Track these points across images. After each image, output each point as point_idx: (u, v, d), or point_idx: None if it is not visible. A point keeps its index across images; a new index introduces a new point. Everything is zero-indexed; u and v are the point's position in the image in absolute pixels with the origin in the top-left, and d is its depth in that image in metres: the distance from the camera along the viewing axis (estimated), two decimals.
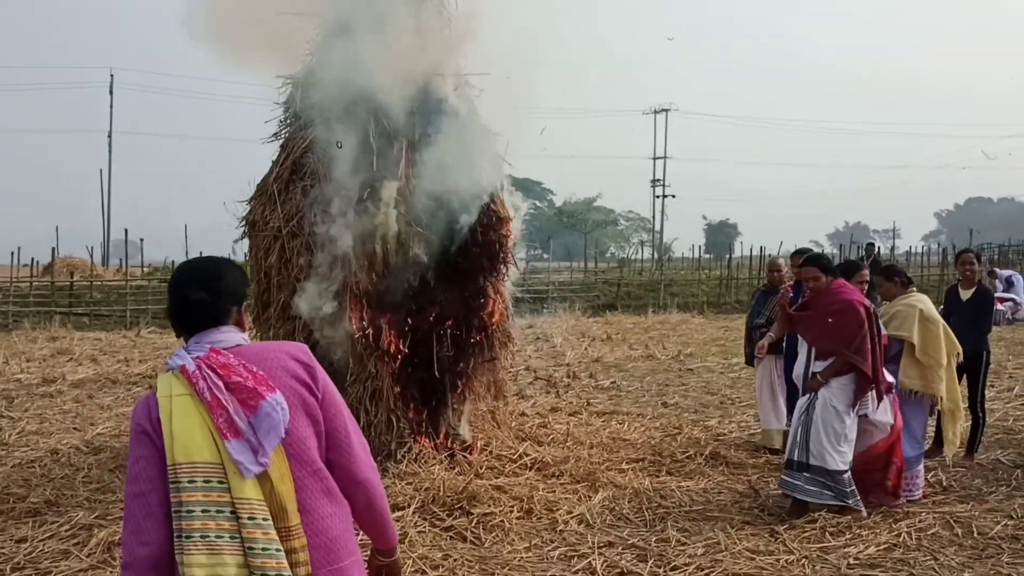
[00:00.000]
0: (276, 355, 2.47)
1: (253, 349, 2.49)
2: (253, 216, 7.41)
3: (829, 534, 5.84)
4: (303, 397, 2.43)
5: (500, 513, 6.07)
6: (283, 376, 2.42)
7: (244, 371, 2.38)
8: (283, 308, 7.12)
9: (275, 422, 2.34)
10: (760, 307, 8.62)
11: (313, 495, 2.41)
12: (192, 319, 2.47)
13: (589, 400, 11.19)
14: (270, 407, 2.34)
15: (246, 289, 2.60)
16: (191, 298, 2.47)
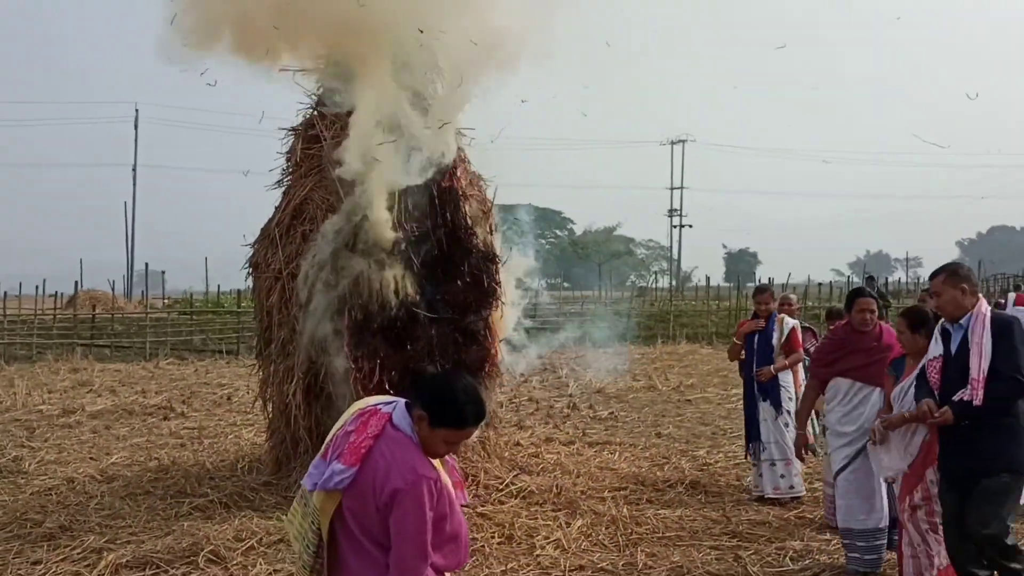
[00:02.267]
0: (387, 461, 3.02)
1: (390, 439, 3.07)
2: (256, 258, 7.93)
3: (789, 559, 6.20)
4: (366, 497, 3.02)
5: (482, 539, 6.46)
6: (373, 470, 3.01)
7: (358, 436, 3.07)
8: (283, 345, 7.61)
9: (329, 478, 3.05)
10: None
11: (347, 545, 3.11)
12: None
13: (585, 430, 11.56)
14: (332, 471, 3.05)
15: (425, 404, 3.08)
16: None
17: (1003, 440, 4.72)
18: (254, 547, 6.27)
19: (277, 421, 7.98)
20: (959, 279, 4.88)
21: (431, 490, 3.00)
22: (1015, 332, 4.72)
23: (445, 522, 3.10)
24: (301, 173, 7.86)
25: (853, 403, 6.11)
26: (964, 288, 4.85)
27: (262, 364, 8.05)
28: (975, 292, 4.88)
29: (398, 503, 2.97)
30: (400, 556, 3.01)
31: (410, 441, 3.06)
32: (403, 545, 3.00)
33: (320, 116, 7.92)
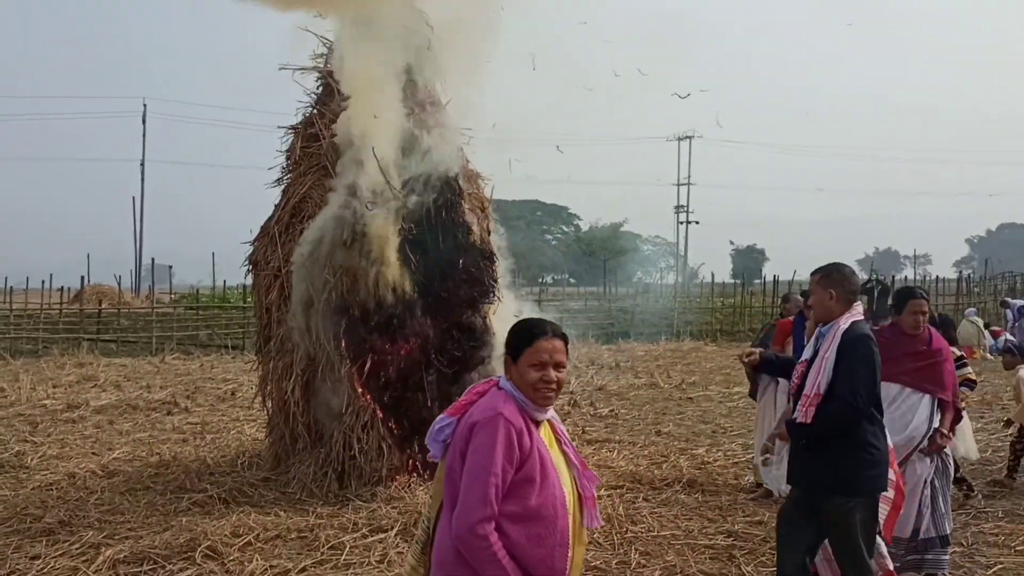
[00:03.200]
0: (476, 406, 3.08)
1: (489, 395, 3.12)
2: (256, 255, 7.98)
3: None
4: (457, 443, 3.04)
5: None
6: (466, 418, 3.05)
7: (469, 395, 3.17)
8: (282, 342, 7.66)
9: (434, 432, 3.12)
10: (769, 339, 8.80)
11: (446, 507, 3.06)
12: None
13: (585, 428, 11.59)
14: (436, 422, 3.13)
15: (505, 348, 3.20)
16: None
17: (837, 462, 4.50)
18: (251, 543, 6.31)
19: (276, 417, 8.04)
20: (831, 282, 4.66)
21: (508, 432, 2.97)
22: (858, 352, 4.48)
23: (531, 489, 3.00)
24: (300, 171, 7.91)
25: (900, 410, 5.71)
26: (832, 293, 4.62)
27: (262, 361, 8.11)
28: (847, 300, 4.63)
29: (472, 437, 2.98)
30: (463, 494, 2.95)
31: (506, 394, 3.09)
32: (466, 481, 2.96)
33: (319, 114, 7.96)
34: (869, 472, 4.53)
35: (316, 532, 6.48)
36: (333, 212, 7.28)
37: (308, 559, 6.05)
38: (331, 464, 7.50)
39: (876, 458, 4.54)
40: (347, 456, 7.49)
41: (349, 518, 6.78)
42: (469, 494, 2.92)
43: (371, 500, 7.17)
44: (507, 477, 2.95)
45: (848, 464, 4.51)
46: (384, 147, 7.52)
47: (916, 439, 5.72)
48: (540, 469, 3.02)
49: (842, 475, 4.51)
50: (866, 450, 4.51)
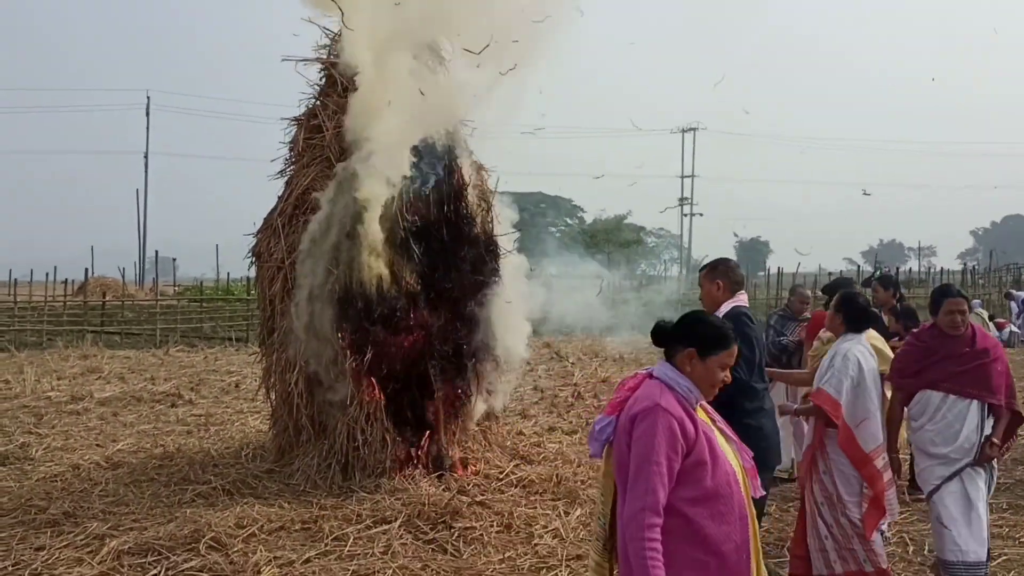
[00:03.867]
0: (634, 399, 3.21)
1: (645, 387, 3.24)
2: (259, 248, 7.97)
3: (787, 550, 6.21)
4: (621, 437, 3.17)
5: (480, 527, 6.50)
6: (626, 412, 3.18)
7: (620, 393, 3.30)
8: (285, 334, 7.66)
9: (595, 432, 3.29)
10: (781, 328, 8.81)
11: (619, 502, 3.20)
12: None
13: (588, 420, 11.58)
14: (595, 423, 3.30)
15: (690, 342, 3.28)
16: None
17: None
18: (255, 534, 6.32)
19: (280, 409, 8.04)
20: (717, 274, 4.92)
21: (669, 423, 3.08)
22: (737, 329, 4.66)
23: (704, 471, 3.11)
24: (303, 163, 7.89)
25: (947, 419, 5.36)
26: (720, 283, 4.88)
27: (265, 353, 8.12)
28: (733, 289, 4.86)
29: (634, 429, 3.11)
30: (629, 486, 3.08)
31: (663, 384, 3.21)
32: (632, 473, 3.07)
33: (323, 106, 7.94)
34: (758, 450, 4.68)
35: (320, 523, 6.48)
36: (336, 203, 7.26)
37: (312, 550, 6.06)
38: (335, 456, 7.50)
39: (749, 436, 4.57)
40: (351, 448, 7.49)
41: (353, 509, 6.78)
42: (635, 484, 3.06)
43: (375, 492, 7.17)
44: (672, 466, 3.06)
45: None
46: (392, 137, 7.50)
47: (969, 449, 5.31)
48: (709, 451, 3.16)
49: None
50: (753, 427, 4.61)
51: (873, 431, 5.27)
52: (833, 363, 5.37)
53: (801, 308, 8.78)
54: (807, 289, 9.42)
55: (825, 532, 5.29)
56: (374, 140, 7.12)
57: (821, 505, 5.33)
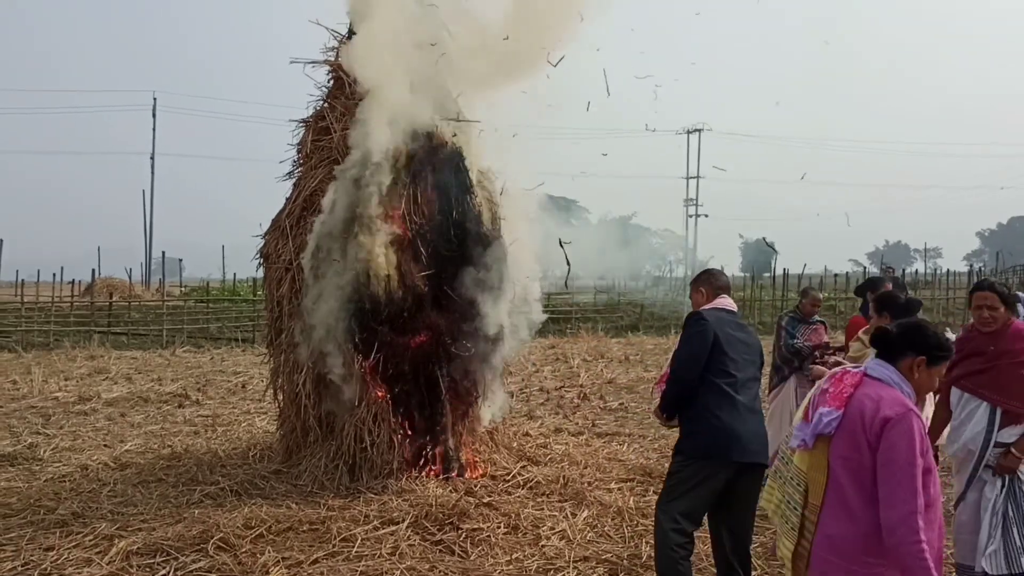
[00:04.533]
0: (874, 400, 3.31)
1: (874, 387, 3.37)
2: (267, 249, 8.00)
3: None
4: (856, 434, 3.28)
5: (488, 529, 6.51)
6: (858, 410, 3.30)
7: (836, 387, 3.42)
8: (293, 335, 7.67)
9: (816, 424, 3.39)
10: (793, 331, 8.76)
11: (831, 497, 3.35)
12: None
13: (595, 421, 11.60)
14: (820, 415, 3.39)
15: (922, 350, 3.43)
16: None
17: (684, 426, 5.09)
18: (263, 535, 6.33)
19: (288, 410, 8.06)
20: (701, 283, 5.31)
21: (920, 428, 3.22)
22: (686, 330, 5.11)
23: (929, 478, 3.23)
24: (312, 164, 7.91)
25: (960, 419, 5.24)
26: (703, 291, 5.26)
27: (273, 354, 8.14)
28: (714, 294, 5.21)
29: (887, 432, 3.19)
30: (890, 489, 3.16)
31: (890, 386, 3.36)
32: (892, 477, 3.16)
33: (330, 107, 7.97)
34: (695, 437, 4.98)
35: (328, 524, 6.49)
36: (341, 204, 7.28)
37: (320, 551, 6.07)
38: (342, 457, 7.52)
39: (708, 426, 4.92)
40: (358, 448, 7.51)
41: (360, 510, 6.79)
42: (899, 488, 3.14)
43: (382, 492, 7.19)
44: (920, 471, 3.19)
45: (684, 431, 5.10)
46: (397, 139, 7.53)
47: (974, 452, 5.14)
48: (929, 461, 3.27)
49: (681, 441, 5.12)
50: (698, 418, 4.96)
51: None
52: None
53: (812, 310, 8.73)
54: (818, 291, 9.36)
55: None
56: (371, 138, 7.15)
57: None
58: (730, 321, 5.13)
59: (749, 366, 5.08)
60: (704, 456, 4.92)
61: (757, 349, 5.23)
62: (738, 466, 4.91)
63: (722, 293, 5.23)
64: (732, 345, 4.99)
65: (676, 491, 4.98)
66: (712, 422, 4.89)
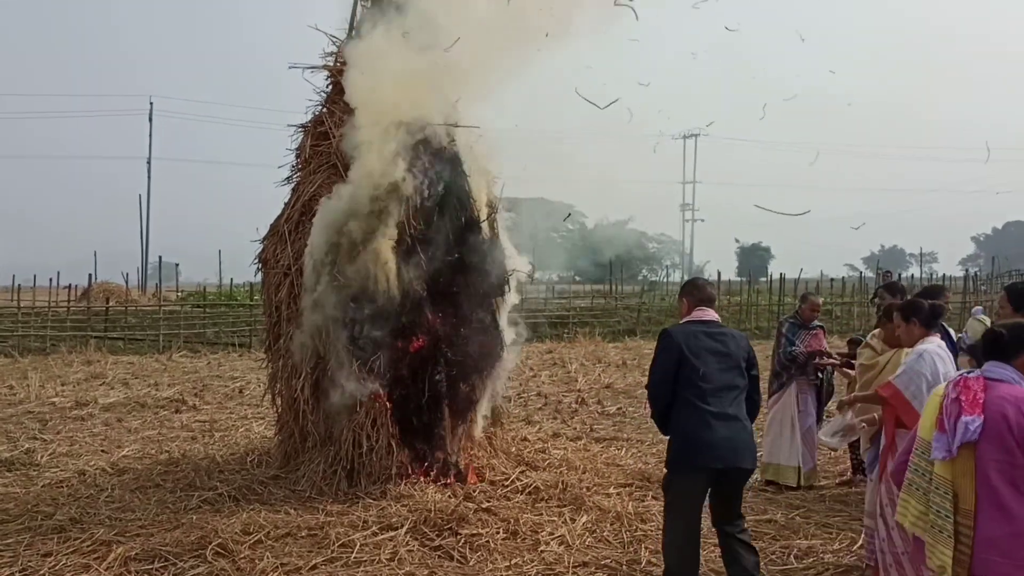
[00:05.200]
0: (1012, 402, 3.57)
1: (1004, 389, 3.63)
2: (266, 254, 7.99)
3: (794, 557, 6.22)
4: (1004, 438, 3.53)
5: (486, 534, 6.50)
6: (999, 414, 3.54)
7: (967, 395, 3.62)
8: (291, 340, 7.67)
9: (963, 433, 3.55)
10: (792, 337, 8.67)
11: (985, 501, 3.55)
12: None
13: (593, 426, 11.60)
14: (964, 423, 3.56)
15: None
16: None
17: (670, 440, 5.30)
18: (261, 540, 6.32)
19: (286, 416, 8.05)
20: (683, 293, 5.57)
21: None
22: (656, 347, 5.33)
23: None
24: (310, 169, 7.92)
25: None
26: (685, 301, 5.49)
27: (271, 359, 8.14)
28: (691, 305, 5.41)
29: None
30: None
31: (1014, 384, 3.65)
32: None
33: (329, 113, 7.97)
34: (670, 449, 5.28)
35: (326, 530, 6.48)
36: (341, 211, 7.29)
37: (319, 557, 6.06)
38: (340, 462, 7.51)
39: (677, 437, 5.21)
40: (356, 454, 7.49)
41: (359, 516, 6.78)
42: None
43: (381, 498, 7.18)
44: None
45: (670, 442, 5.32)
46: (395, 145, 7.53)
47: None
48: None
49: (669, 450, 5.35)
50: (673, 429, 5.24)
51: None
52: (907, 361, 5.39)
53: (812, 316, 8.75)
54: (818, 297, 9.40)
55: (884, 535, 5.17)
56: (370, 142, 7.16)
57: (886, 507, 5.19)
58: (702, 332, 5.27)
59: (723, 374, 5.17)
60: (677, 468, 5.23)
61: (736, 356, 5.28)
62: (713, 472, 5.10)
63: (702, 305, 5.42)
64: (701, 356, 5.15)
65: (671, 520, 5.33)
66: (680, 433, 5.17)
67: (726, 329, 5.45)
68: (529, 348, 22.19)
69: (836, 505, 7.73)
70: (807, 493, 8.10)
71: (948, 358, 5.37)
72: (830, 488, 8.36)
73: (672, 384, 5.15)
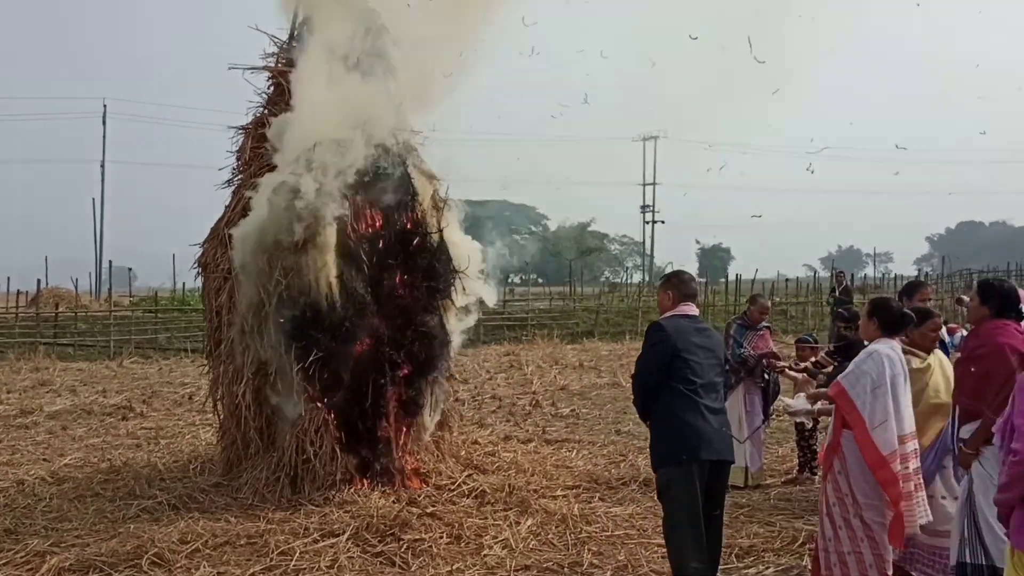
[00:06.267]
0: None
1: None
2: (206, 258, 7.87)
3: (735, 556, 6.25)
4: None
5: (429, 539, 6.44)
6: None
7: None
8: (232, 345, 7.56)
9: None
10: (740, 339, 8.67)
11: None
12: None
13: (545, 428, 11.58)
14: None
15: None
16: None
17: (654, 432, 5.31)
18: (199, 549, 6.21)
19: (228, 422, 7.94)
20: (669, 285, 5.50)
21: None
22: (647, 338, 5.35)
23: None
24: (251, 172, 7.81)
25: None
26: (670, 294, 5.42)
27: (212, 365, 8.01)
28: (679, 300, 5.37)
29: None
30: None
31: None
32: None
33: (271, 114, 7.87)
34: (666, 441, 5.19)
35: (266, 538, 6.38)
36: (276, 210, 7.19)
37: (257, 565, 5.97)
38: (284, 469, 7.41)
39: (676, 428, 5.13)
40: (300, 460, 7.40)
41: (301, 523, 6.69)
42: None
43: (324, 505, 7.09)
44: None
45: (653, 436, 5.32)
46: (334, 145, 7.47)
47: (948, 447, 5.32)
48: None
49: (651, 447, 5.36)
50: (664, 422, 5.20)
51: (888, 437, 5.04)
52: (856, 360, 5.33)
53: (760, 318, 8.81)
54: (767, 299, 9.47)
55: (831, 534, 5.16)
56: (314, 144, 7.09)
57: (833, 505, 5.17)
58: (690, 327, 5.32)
59: (710, 370, 5.29)
60: (677, 459, 5.13)
61: (718, 352, 5.44)
62: (709, 464, 5.16)
63: (688, 301, 5.44)
64: (693, 351, 5.21)
65: (676, 517, 5.19)
66: (679, 424, 5.12)
67: (706, 325, 5.58)
68: (487, 351, 22.20)
69: (780, 503, 7.77)
70: (753, 492, 8.14)
71: (900, 360, 5.27)
72: (775, 486, 8.41)
73: (661, 376, 5.19)
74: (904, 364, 5.31)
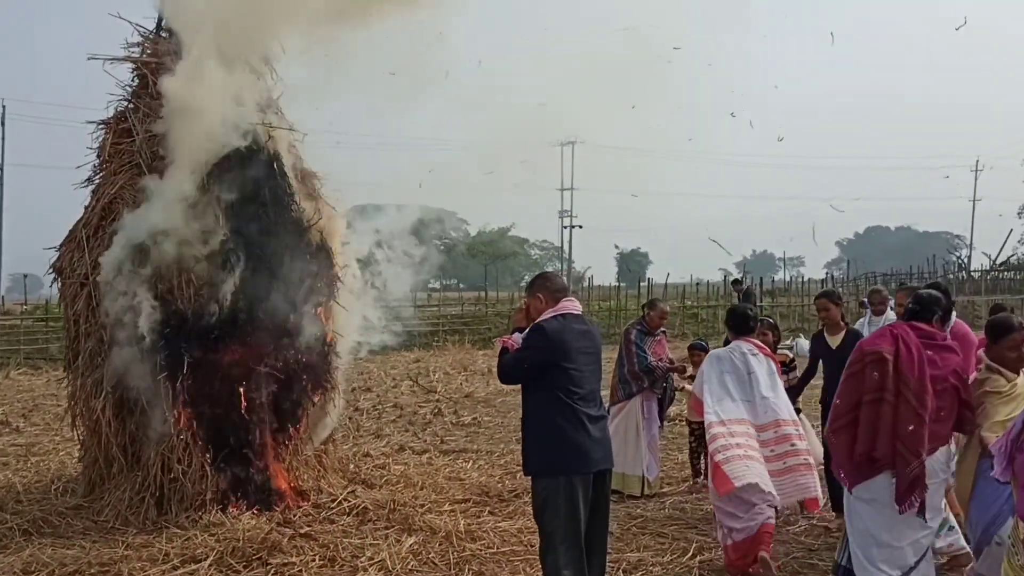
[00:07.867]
0: None
1: None
2: (62, 263, 7.28)
3: (623, 571, 5.99)
4: None
5: (300, 563, 6.01)
6: None
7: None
8: (91, 356, 7.00)
9: None
10: (642, 344, 8.36)
11: None
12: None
13: (444, 438, 11.22)
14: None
15: None
16: None
17: (531, 443, 4.94)
18: None
19: (88, 439, 7.35)
20: (537, 288, 5.09)
21: None
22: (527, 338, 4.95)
23: None
24: (111, 170, 7.24)
25: None
26: (540, 296, 5.03)
27: (70, 378, 7.41)
28: (553, 299, 4.99)
29: None
30: None
31: None
32: None
33: (134, 108, 7.33)
34: (545, 454, 4.83)
35: (119, 566, 5.87)
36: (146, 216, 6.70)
37: None
38: (148, 489, 6.89)
39: (557, 441, 4.77)
40: (167, 479, 6.90)
41: (161, 548, 6.19)
42: None
43: (190, 527, 6.59)
44: None
45: (529, 439, 4.95)
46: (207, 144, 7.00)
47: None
48: None
49: (526, 451, 4.97)
50: (543, 428, 4.82)
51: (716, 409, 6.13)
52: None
53: (659, 323, 8.59)
54: (665, 304, 9.29)
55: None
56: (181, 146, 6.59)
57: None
58: (574, 330, 4.95)
59: (592, 377, 4.99)
60: (558, 471, 4.80)
61: (599, 354, 5.15)
62: (591, 476, 4.85)
63: (562, 296, 5.06)
64: (574, 359, 4.87)
65: (556, 536, 4.80)
66: (561, 439, 4.78)
67: (589, 326, 5.19)
68: (396, 357, 21.68)
69: (675, 513, 7.56)
70: (648, 502, 7.92)
71: (731, 358, 6.34)
72: (672, 495, 8.20)
73: (529, 378, 4.89)
74: (743, 361, 6.26)
